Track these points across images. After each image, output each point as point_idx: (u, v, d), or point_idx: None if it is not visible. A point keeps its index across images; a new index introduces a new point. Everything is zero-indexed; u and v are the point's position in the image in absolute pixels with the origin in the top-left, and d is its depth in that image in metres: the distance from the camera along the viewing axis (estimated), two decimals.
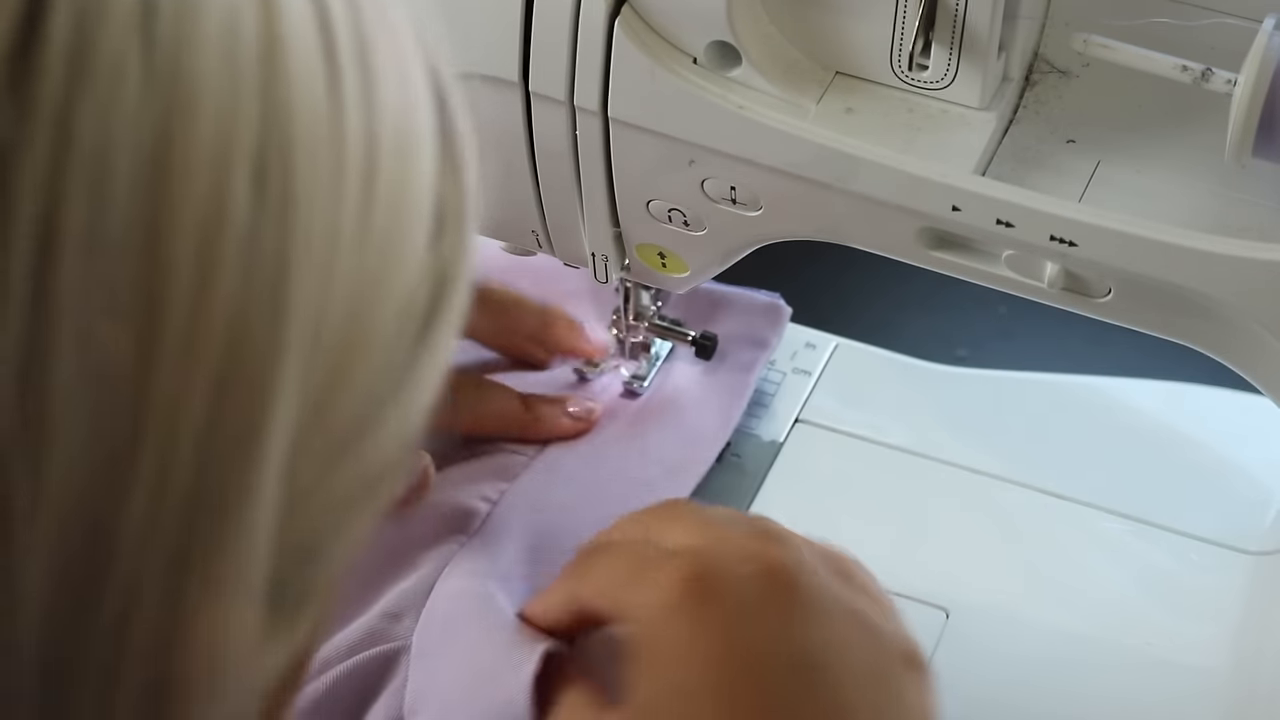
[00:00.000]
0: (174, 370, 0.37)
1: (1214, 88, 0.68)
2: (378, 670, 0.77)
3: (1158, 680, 0.84)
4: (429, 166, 0.43)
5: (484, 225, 0.84)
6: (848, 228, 0.75)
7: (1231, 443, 0.92)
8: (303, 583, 0.43)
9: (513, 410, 0.85)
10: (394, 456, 0.44)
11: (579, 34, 0.72)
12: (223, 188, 0.38)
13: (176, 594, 0.38)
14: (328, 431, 0.41)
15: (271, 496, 0.39)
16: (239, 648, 0.40)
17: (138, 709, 0.38)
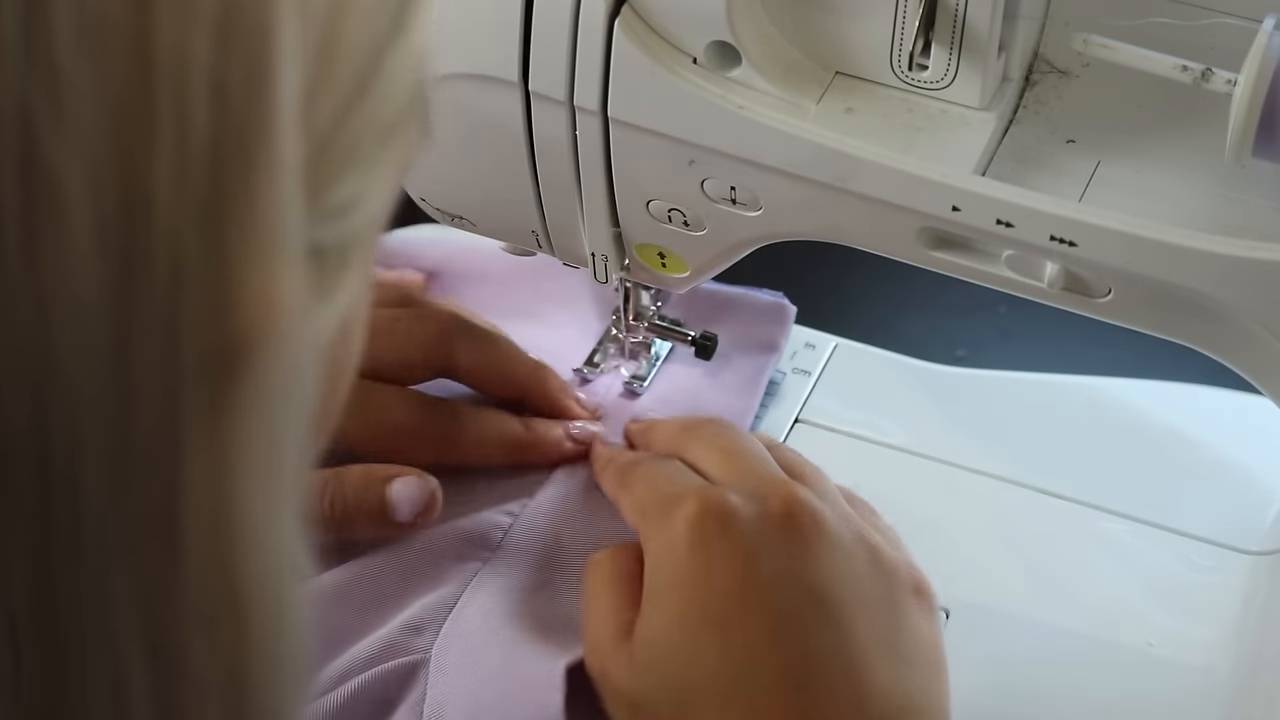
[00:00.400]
0: (173, 18, 0.37)
1: (1214, 88, 0.68)
2: (397, 683, 0.77)
3: (1158, 680, 0.84)
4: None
5: (484, 225, 0.85)
6: (848, 228, 0.75)
7: (1231, 443, 0.92)
8: (339, 240, 0.43)
9: (514, 433, 0.85)
10: (405, 102, 0.44)
11: (579, 34, 0.72)
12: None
13: (218, 249, 0.39)
14: (334, 73, 0.42)
15: (291, 142, 0.40)
16: (287, 303, 0.40)
17: (201, 373, 0.39)
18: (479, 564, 0.80)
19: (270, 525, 0.42)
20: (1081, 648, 0.85)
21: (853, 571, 0.74)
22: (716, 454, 0.78)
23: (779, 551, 0.73)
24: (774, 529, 0.73)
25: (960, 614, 0.85)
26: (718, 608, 0.72)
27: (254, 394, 0.40)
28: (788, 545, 0.73)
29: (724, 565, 0.72)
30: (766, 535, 0.73)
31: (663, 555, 0.73)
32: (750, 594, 0.72)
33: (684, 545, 0.73)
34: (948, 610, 0.85)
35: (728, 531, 0.73)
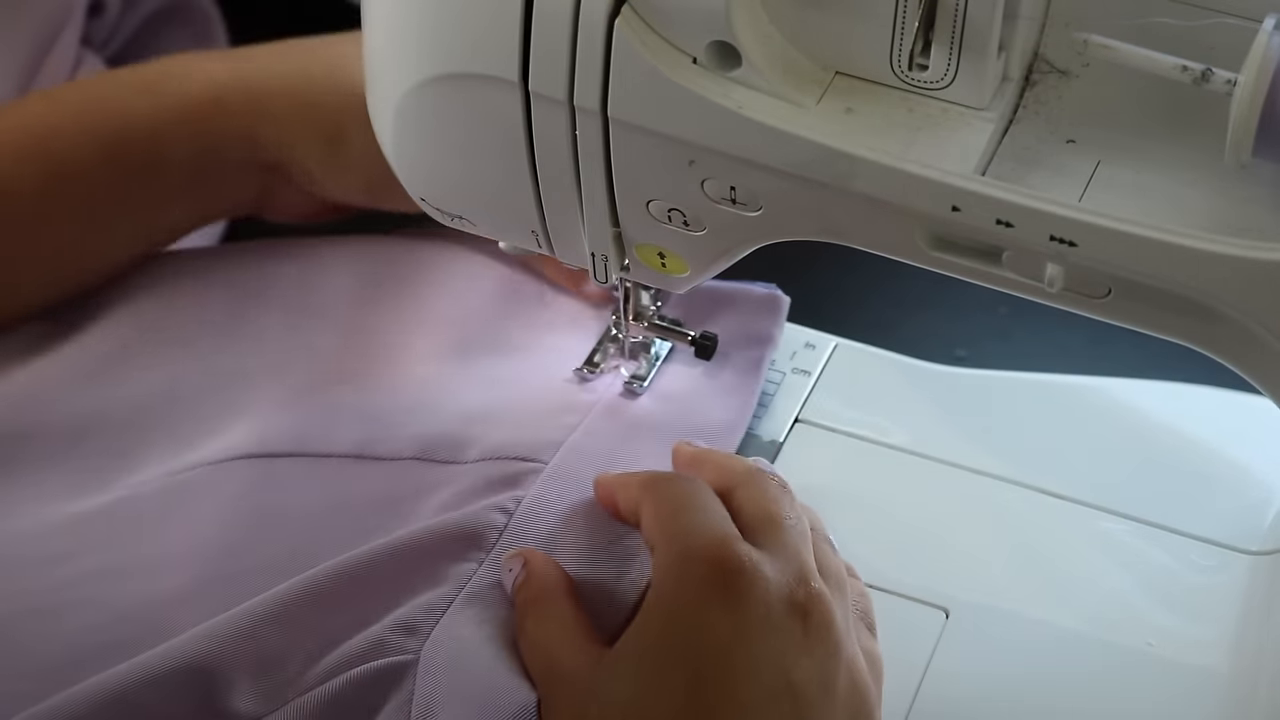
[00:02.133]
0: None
1: (1214, 88, 0.68)
2: (385, 681, 0.76)
3: (1158, 680, 0.84)
4: None
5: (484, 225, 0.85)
6: (848, 228, 0.75)
7: (1231, 443, 0.92)
8: None
9: None
10: None
11: (579, 34, 0.72)
12: None
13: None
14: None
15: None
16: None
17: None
18: (474, 565, 0.80)
19: None
20: (1081, 648, 0.85)
21: (833, 686, 0.73)
22: (761, 511, 0.76)
23: (778, 639, 0.72)
24: (782, 613, 0.72)
25: (960, 614, 0.85)
26: (694, 665, 0.71)
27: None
28: (788, 636, 0.72)
29: (722, 631, 0.71)
30: (773, 617, 0.72)
31: (670, 593, 0.72)
32: (733, 667, 0.71)
33: (693, 593, 0.72)
34: (948, 610, 0.85)
35: (740, 601, 0.72)
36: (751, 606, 0.72)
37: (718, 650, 0.71)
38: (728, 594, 0.72)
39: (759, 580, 0.72)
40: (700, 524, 0.74)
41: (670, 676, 0.71)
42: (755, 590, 0.72)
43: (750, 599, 0.72)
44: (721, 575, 0.72)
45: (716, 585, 0.72)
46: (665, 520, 0.75)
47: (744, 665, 0.71)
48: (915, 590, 0.86)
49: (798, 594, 0.73)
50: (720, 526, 0.74)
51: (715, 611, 0.71)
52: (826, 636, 0.73)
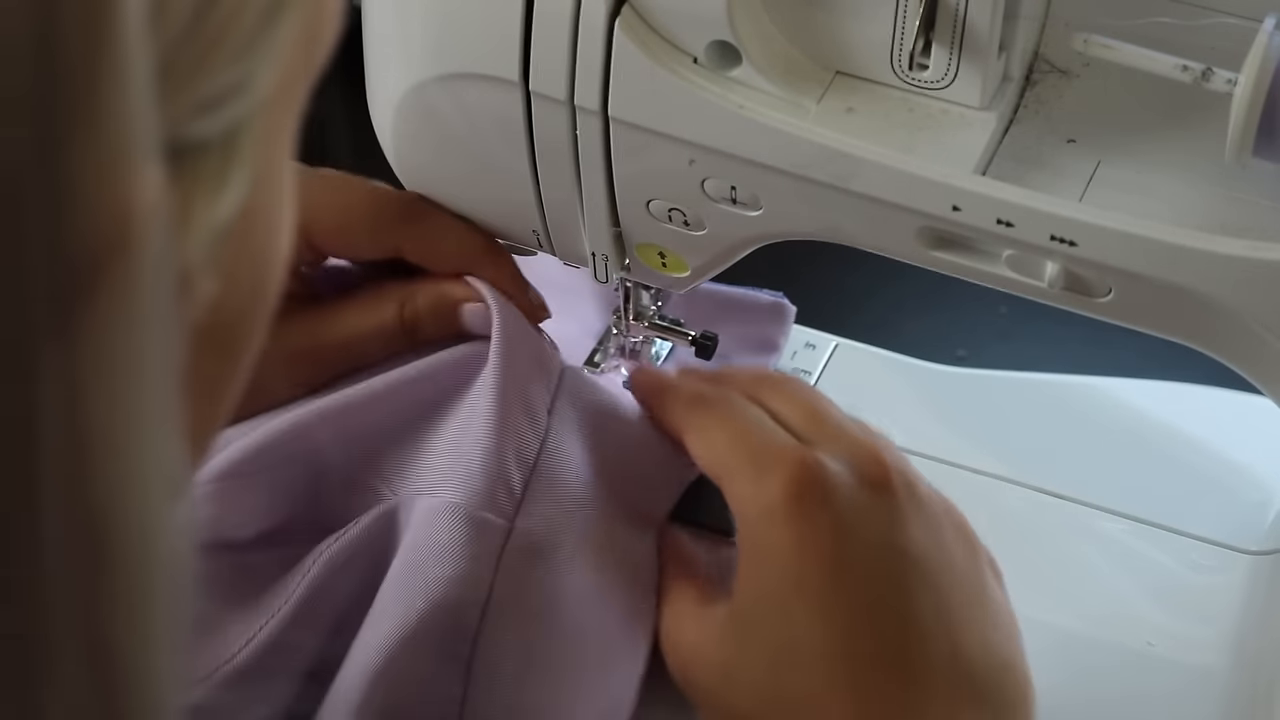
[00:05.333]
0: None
1: (1214, 88, 0.68)
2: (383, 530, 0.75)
3: (1158, 680, 0.84)
4: None
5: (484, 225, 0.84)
6: (848, 228, 0.75)
7: (1231, 443, 0.92)
8: (222, 132, 0.40)
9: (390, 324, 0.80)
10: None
11: (579, 34, 0.72)
12: None
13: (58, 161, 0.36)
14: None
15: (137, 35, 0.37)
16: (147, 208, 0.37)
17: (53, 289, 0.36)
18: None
19: (138, 454, 0.39)
20: (1081, 648, 0.85)
21: (943, 538, 0.73)
22: (801, 409, 0.76)
23: (875, 519, 0.72)
24: (869, 495, 0.72)
25: None
26: (816, 578, 0.71)
27: (113, 311, 0.37)
28: (883, 512, 0.72)
29: (823, 536, 0.71)
30: (862, 502, 0.72)
31: (758, 522, 0.72)
32: (848, 564, 0.71)
33: (781, 514, 0.71)
34: None
35: (827, 502, 0.71)
36: (837, 509, 0.71)
37: (826, 565, 0.71)
38: (810, 509, 0.71)
39: (832, 481, 0.72)
40: (764, 445, 0.73)
41: (798, 609, 0.71)
42: (834, 492, 0.72)
43: (832, 503, 0.71)
44: (799, 494, 0.71)
45: (804, 503, 0.71)
46: (725, 449, 0.74)
47: (856, 566, 0.71)
48: None
49: (874, 474, 0.73)
50: (773, 439, 0.73)
51: (811, 530, 0.71)
52: (915, 497, 0.73)
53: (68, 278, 0.37)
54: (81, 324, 0.37)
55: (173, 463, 0.40)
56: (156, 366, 0.39)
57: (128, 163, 0.37)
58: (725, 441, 0.74)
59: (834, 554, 0.71)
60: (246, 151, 0.41)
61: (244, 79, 0.41)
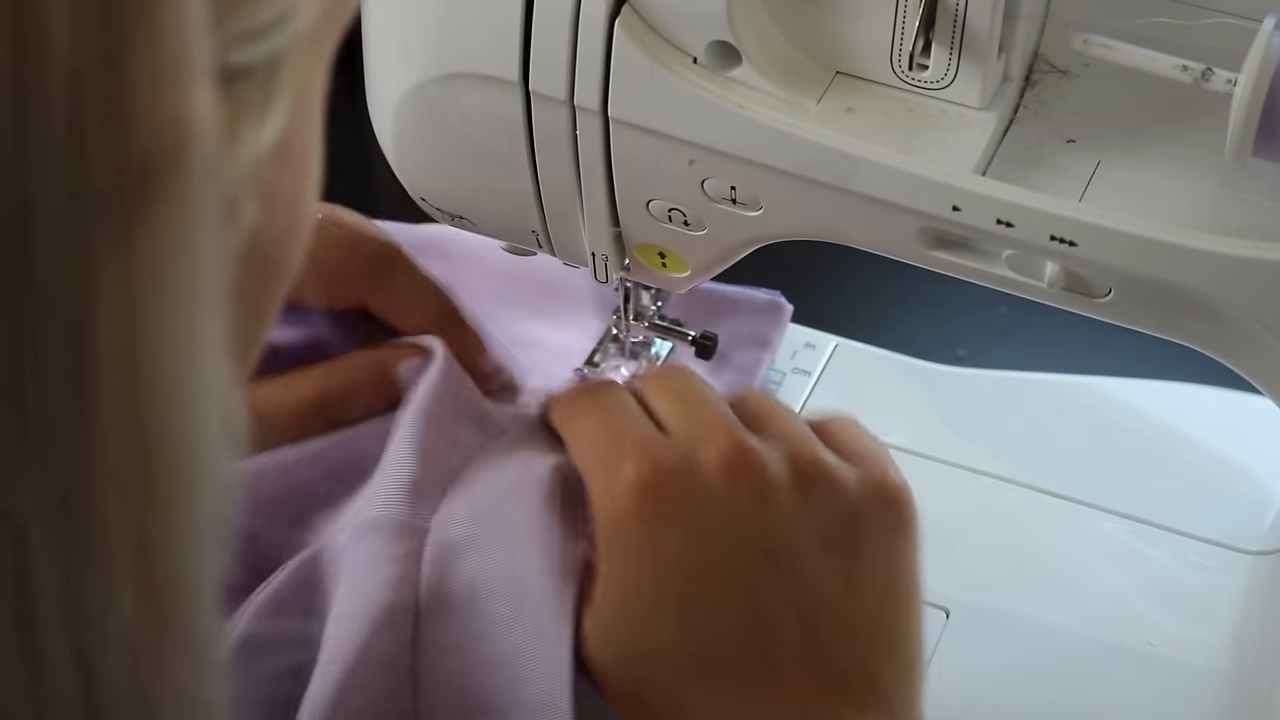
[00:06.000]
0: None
1: (1214, 88, 0.68)
2: None
3: (1158, 680, 0.84)
4: None
5: (484, 225, 0.84)
6: (848, 228, 0.75)
7: (1231, 443, 0.92)
8: (266, 59, 0.42)
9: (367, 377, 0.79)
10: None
11: (579, 34, 0.72)
12: None
13: (118, 72, 0.38)
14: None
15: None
16: (199, 124, 0.39)
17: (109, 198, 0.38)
18: None
19: (188, 356, 0.41)
20: (1081, 648, 0.85)
21: (802, 515, 0.71)
22: (669, 397, 0.74)
23: (723, 512, 0.70)
24: (715, 484, 0.70)
25: (960, 614, 0.85)
26: (668, 580, 0.70)
27: (167, 219, 0.39)
28: (731, 503, 0.70)
29: (670, 533, 0.70)
30: (709, 492, 0.70)
31: (608, 522, 0.71)
32: (699, 561, 0.70)
33: (626, 515, 0.70)
34: (948, 610, 0.86)
35: (670, 496, 0.70)
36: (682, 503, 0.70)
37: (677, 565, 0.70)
38: (655, 506, 0.70)
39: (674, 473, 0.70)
40: (617, 436, 0.72)
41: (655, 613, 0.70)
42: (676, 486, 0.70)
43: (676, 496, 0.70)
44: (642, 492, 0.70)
45: (652, 499, 0.70)
46: (584, 440, 0.73)
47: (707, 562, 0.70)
48: None
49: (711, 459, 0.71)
50: (626, 429, 0.72)
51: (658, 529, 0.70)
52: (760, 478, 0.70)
53: (125, 184, 0.38)
54: (137, 231, 0.39)
55: (219, 371, 0.42)
56: (206, 279, 0.41)
57: (183, 78, 0.39)
58: (584, 431, 0.73)
59: (681, 552, 0.70)
60: (287, 80, 0.43)
61: (288, 9, 0.42)
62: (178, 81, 0.39)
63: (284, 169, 0.46)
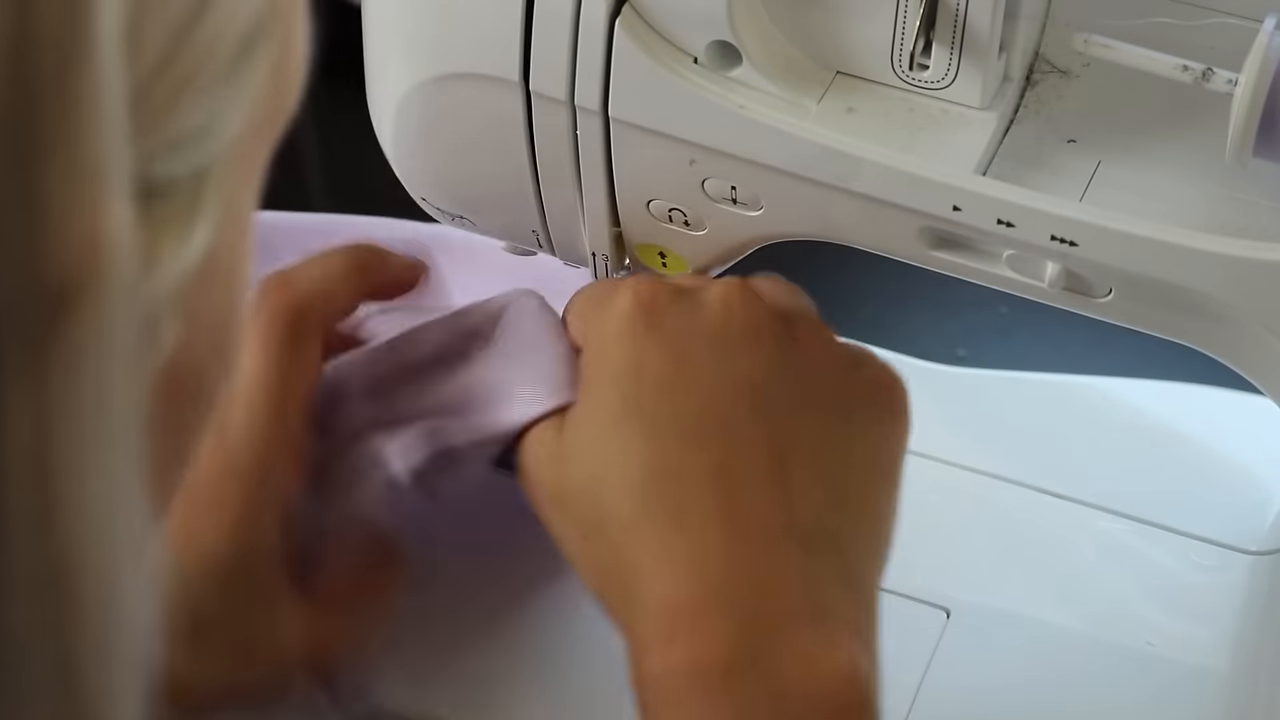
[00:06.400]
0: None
1: (1214, 88, 0.68)
2: None
3: (1158, 680, 0.84)
4: None
5: (484, 225, 0.84)
6: (848, 228, 0.75)
7: (1231, 443, 0.92)
8: (189, 173, 0.40)
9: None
10: (254, 21, 0.41)
11: (579, 34, 0.72)
12: None
13: (32, 184, 0.36)
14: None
15: (113, 67, 0.37)
16: (116, 242, 0.37)
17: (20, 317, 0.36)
18: None
19: (101, 482, 0.39)
20: (1081, 648, 0.85)
21: (792, 365, 0.71)
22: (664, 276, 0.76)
23: (713, 340, 0.71)
24: (710, 318, 0.71)
25: (960, 614, 0.85)
26: (646, 399, 0.70)
27: (82, 339, 0.37)
28: (723, 334, 0.71)
29: (654, 356, 0.70)
30: (701, 323, 0.71)
31: (596, 349, 0.72)
32: (679, 386, 0.70)
33: (615, 336, 0.71)
34: (948, 610, 0.85)
35: (661, 321, 0.71)
36: (672, 329, 0.71)
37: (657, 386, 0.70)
38: (645, 329, 0.71)
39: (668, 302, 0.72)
40: (603, 289, 0.74)
41: (626, 431, 0.70)
42: (669, 314, 0.71)
43: (667, 323, 0.71)
44: (633, 315, 0.71)
45: (640, 322, 0.71)
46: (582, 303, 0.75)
47: (687, 389, 0.70)
48: (915, 590, 0.85)
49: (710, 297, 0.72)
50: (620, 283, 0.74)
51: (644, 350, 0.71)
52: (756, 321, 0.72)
53: (37, 308, 0.36)
54: (50, 350, 0.37)
55: (137, 504, 0.40)
56: (122, 406, 0.39)
57: (100, 195, 0.37)
58: (585, 297, 0.75)
59: (663, 375, 0.70)
60: (214, 194, 0.42)
61: (214, 118, 0.41)
62: (95, 193, 0.37)
63: (210, 288, 0.44)
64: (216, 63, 0.40)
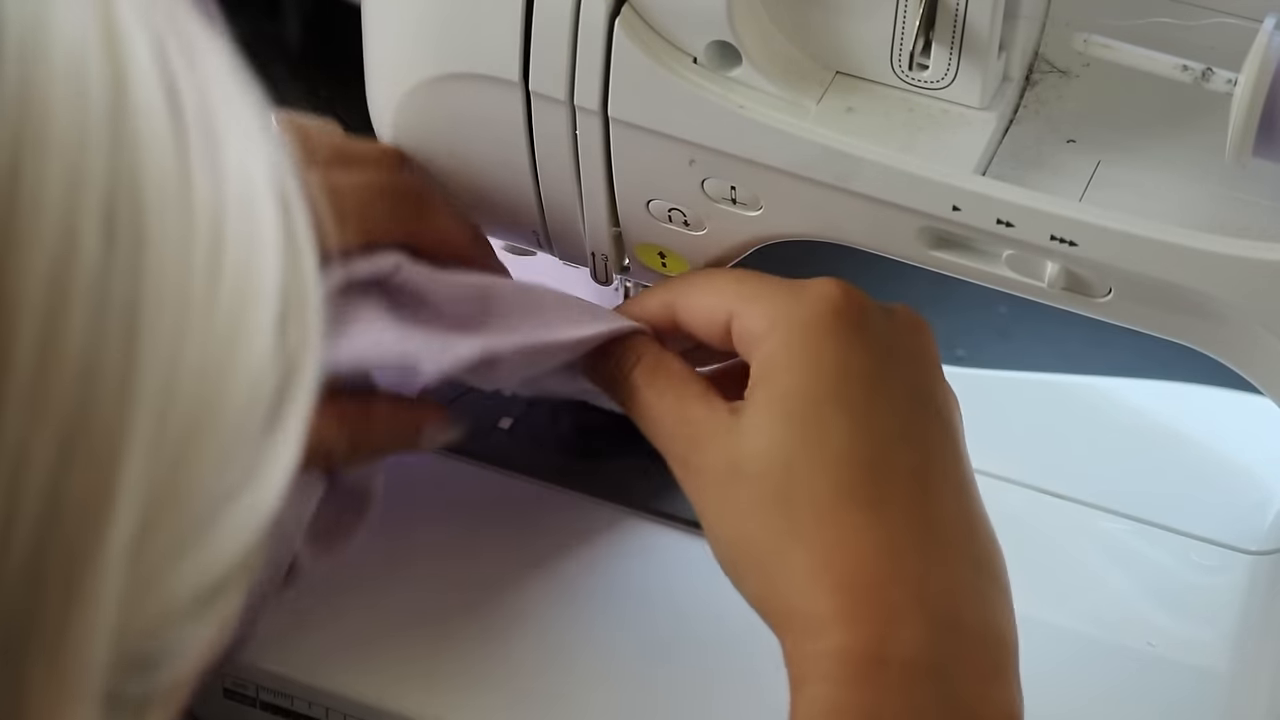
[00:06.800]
0: (19, 420, 0.36)
1: (1214, 88, 0.68)
2: None
3: (1158, 680, 0.84)
4: (273, 250, 0.42)
5: (484, 225, 0.84)
6: (848, 228, 0.75)
7: (1231, 443, 0.92)
8: (138, 695, 0.41)
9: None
10: (234, 559, 0.42)
11: (579, 34, 0.72)
12: (74, 229, 0.36)
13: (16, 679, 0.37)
14: (172, 516, 0.40)
15: (115, 580, 0.38)
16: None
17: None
18: None
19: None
20: (1081, 648, 0.84)
21: (952, 398, 0.74)
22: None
23: (909, 357, 0.73)
24: (904, 335, 0.73)
25: None
26: (855, 393, 0.70)
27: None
28: (917, 353, 0.73)
29: (862, 354, 0.71)
30: (899, 338, 0.73)
31: (798, 331, 0.71)
32: (884, 387, 0.71)
33: (826, 327, 0.71)
34: None
35: (867, 323, 0.72)
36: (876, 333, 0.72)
37: (864, 382, 0.71)
38: (852, 326, 0.72)
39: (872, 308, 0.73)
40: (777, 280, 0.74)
41: (832, 416, 0.70)
42: (873, 318, 0.72)
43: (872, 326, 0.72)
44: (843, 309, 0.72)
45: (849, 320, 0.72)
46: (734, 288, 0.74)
47: (891, 392, 0.71)
48: None
49: (901, 314, 0.74)
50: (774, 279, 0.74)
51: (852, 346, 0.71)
52: (934, 348, 0.75)
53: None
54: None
55: None
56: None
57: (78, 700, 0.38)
58: (728, 284, 0.74)
59: (871, 373, 0.71)
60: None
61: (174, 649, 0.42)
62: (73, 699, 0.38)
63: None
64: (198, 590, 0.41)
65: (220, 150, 0.40)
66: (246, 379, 0.41)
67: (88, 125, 0.37)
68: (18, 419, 0.36)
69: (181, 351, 0.39)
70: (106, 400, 0.37)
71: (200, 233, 0.39)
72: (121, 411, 0.37)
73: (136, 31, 0.38)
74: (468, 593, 0.83)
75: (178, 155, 0.39)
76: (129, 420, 0.37)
